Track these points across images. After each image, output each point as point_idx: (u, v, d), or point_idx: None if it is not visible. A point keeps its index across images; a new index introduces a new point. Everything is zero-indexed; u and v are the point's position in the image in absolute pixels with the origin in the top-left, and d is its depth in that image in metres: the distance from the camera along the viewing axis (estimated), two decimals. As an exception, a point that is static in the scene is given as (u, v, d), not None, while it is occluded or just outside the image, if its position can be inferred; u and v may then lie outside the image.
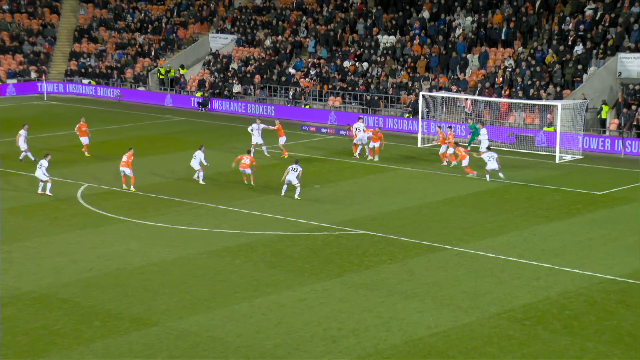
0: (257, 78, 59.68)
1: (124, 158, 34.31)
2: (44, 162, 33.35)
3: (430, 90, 50.89)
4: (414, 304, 22.48)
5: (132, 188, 34.23)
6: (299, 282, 24.04)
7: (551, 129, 45.45)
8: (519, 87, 49.28)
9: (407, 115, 51.22)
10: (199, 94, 60.07)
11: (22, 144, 39.40)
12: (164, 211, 31.46)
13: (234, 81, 60.18)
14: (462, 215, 31.40)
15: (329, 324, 21.07)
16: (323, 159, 41.77)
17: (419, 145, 45.30)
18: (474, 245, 27.61)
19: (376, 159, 40.66)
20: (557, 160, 41.79)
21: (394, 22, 59.41)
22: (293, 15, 64.99)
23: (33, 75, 66.13)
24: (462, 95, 49.30)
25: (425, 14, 58.39)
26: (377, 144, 40.95)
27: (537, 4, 54.70)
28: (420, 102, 46.79)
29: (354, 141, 41.94)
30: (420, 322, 21.22)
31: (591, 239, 28.60)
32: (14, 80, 65.01)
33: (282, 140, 42.15)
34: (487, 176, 36.42)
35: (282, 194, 33.20)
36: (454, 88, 51.13)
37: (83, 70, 66.87)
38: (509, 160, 42.22)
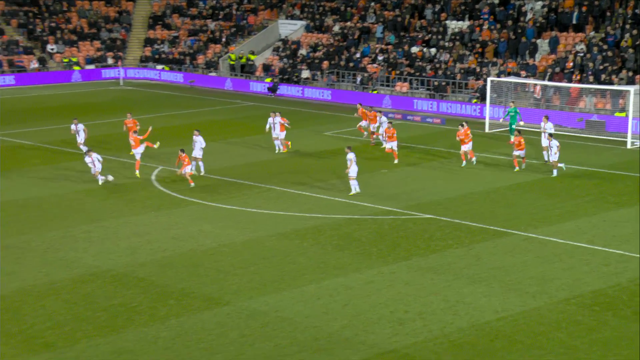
0: (326, 64, 59.74)
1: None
2: (89, 157, 32.63)
3: (498, 75, 50.24)
4: (480, 288, 22.36)
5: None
6: (366, 265, 24.12)
7: (623, 114, 44.47)
8: (590, 72, 48.30)
9: (474, 100, 50.70)
10: (268, 80, 60.45)
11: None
12: (235, 194, 31.86)
13: (303, 67, 60.38)
14: (530, 201, 31.03)
15: (396, 306, 21.12)
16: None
17: (487, 130, 44.81)
18: (542, 230, 27.28)
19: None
20: (628, 146, 40.90)
21: (462, 7, 58.74)
22: (361, 1, 64.79)
23: (110, 61, 67.45)
24: (531, 81, 48.55)
25: (495, -1, 57.59)
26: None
27: (610, -13, 53.45)
28: (488, 87, 46.23)
29: (362, 124, 41.53)
30: (487, 306, 21.10)
31: (663, 225, 27.98)
32: (92, 66, 66.44)
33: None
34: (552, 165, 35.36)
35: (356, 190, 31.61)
36: (523, 73, 50.39)
37: (157, 56, 67.93)
38: (579, 145, 41.55)
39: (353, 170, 31.22)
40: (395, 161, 36.52)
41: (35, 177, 34.41)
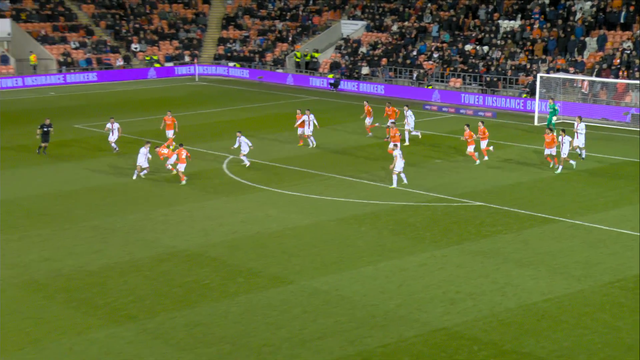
0: (384, 61, 59.44)
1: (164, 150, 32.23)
2: (144, 150, 31.79)
3: (547, 71, 49.31)
4: (528, 271, 22.06)
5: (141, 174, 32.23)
6: (420, 249, 24.00)
7: (667, 108, 43.26)
8: (636, 68, 47.01)
9: (524, 95, 49.86)
10: (330, 76, 60.42)
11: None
12: (299, 182, 31.98)
13: (363, 64, 60.17)
14: (576, 190, 30.45)
15: (448, 287, 20.99)
16: (444, 136, 41.31)
17: (535, 123, 44.06)
18: (587, 218, 26.76)
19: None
20: (672, 139, 39.76)
21: (514, 7, 57.74)
22: (419, 2, 64.21)
23: (187, 59, 68.27)
24: (579, 77, 47.53)
25: (546, 0, 56.46)
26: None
27: (657, -13, 51.93)
28: (537, 82, 45.44)
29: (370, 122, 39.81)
30: (534, 289, 20.82)
31: None
32: (171, 64, 67.35)
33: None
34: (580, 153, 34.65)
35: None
36: (571, 69, 49.34)
37: (229, 54, 68.46)
38: (624, 138, 40.57)
39: (399, 165, 30.21)
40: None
41: (119, 165, 35.07)
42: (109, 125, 37.22)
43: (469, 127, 34.27)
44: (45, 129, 36.47)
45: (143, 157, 31.88)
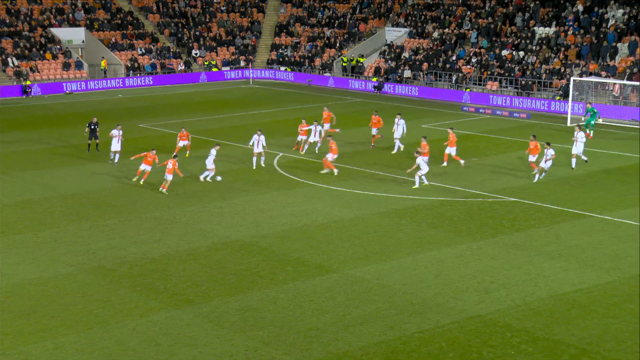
0: (425, 65, 58.93)
1: (149, 158, 30.53)
2: (213, 151, 30.95)
3: (580, 75, 48.34)
4: (559, 263, 21.66)
5: (141, 182, 30.56)
6: (457, 241, 23.74)
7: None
8: (665, 72, 45.79)
9: (557, 97, 48.95)
10: (374, 79, 60.15)
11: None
12: (344, 178, 31.84)
13: (405, 68, 59.76)
14: (605, 187, 29.79)
15: (482, 277, 20.72)
16: (480, 136, 40.80)
17: (568, 124, 43.22)
18: (617, 213, 26.15)
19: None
20: (700, 139, 38.64)
21: (550, 15, 56.72)
22: (459, 10, 63.50)
23: (242, 63, 68.66)
24: (610, 80, 46.48)
25: (580, 7, 55.32)
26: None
27: (687, -6, 50.46)
28: (571, 86, 44.61)
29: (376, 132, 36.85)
30: (565, 280, 20.43)
31: None
32: (228, 68, 67.82)
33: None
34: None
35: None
36: (603, 73, 48.29)
37: (281, 59, 68.65)
38: (653, 138, 39.59)
39: (423, 169, 29.26)
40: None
41: (179, 160, 35.34)
42: (114, 132, 34.10)
43: (535, 138, 31.89)
44: (92, 127, 36.56)
45: (210, 158, 30.92)
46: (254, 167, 33.18)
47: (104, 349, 17.14)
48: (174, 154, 30.84)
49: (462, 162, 32.50)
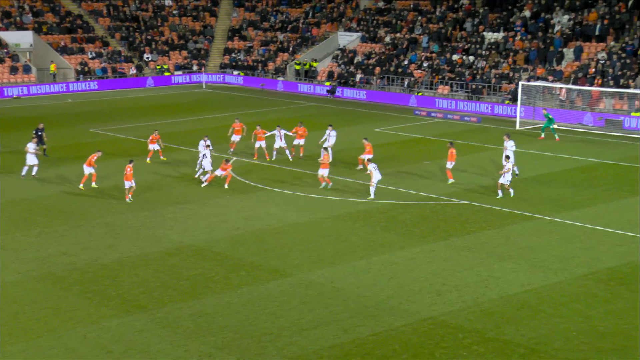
0: (377, 69, 59.37)
1: (90, 157, 30.43)
2: (207, 153, 31.51)
3: (528, 79, 49.29)
4: (509, 264, 22.03)
5: (92, 184, 30.63)
6: (409, 244, 23.96)
7: (638, 114, 43.21)
8: (610, 77, 47.01)
9: (507, 102, 49.82)
10: (327, 83, 60.36)
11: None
12: (297, 182, 31.90)
13: (358, 72, 60.11)
14: (554, 189, 30.41)
15: (435, 279, 20.94)
16: (432, 139, 41.27)
17: (517, 127, 44.03)
18: (564, 215, 26.72)
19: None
20: (643, 142, 39.77)
21: (498, 20, 57.71)
22: (410, 15, 64.15)
23: (194, 67, 68.19)
24: (557, 84, 47.53)
25: (527, 13, 56.43)
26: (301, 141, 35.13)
27: (630, 2, 51.91)
28: (519, 90, 45.43)
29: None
30: (514, 281, 20.79)
31: (673, 212, 27.13)
32: (180, 72, 67.27)
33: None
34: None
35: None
36: (550, 78, 49.33)
37: (234, 64, 68.39)
38: (599, 141, 40.55)
39: (375, 178, 28.98)
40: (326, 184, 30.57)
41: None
42: (30, 146, 32.41)
43: (452, 145, 31.72)
44: (39, 133, 35.89)
45: (208, 161, 31.18)
46: (272, 159, 34.31)
47: (53, 357, 16.81)
48: (130, 159, 30.08)
49: (450, 180, 30.98)
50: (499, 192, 28.98)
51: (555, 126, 40.38)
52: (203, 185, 30.88)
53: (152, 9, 73.37)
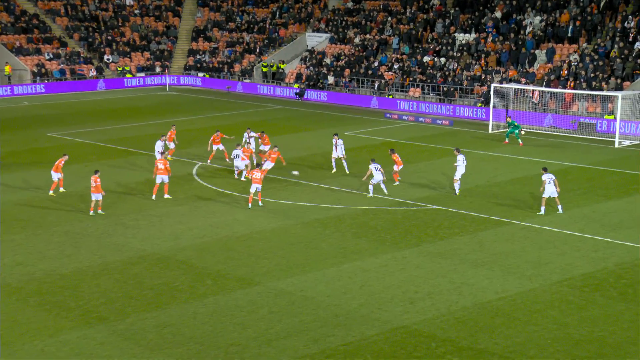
0: (347, 71, 59.55)
1: (57, 162, 30.31)
2: (239, 152, 32.12)
3: (501, 82, 49.81)
4: (483, 271, 22.18)
5: (60, 189, 30.55)
6: (381, 251, 24.01)
7: (611, 117, 43.92)
8: (582, 79, 47.73)
9: (479, 104, 50.30)
10: (296, 85, 60.39)
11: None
12: (266, 187, 31.75)
13: (328, 73, 60.22)
14: (528, 193, 30.72)
15: (407, 287, 21.00)
16: (403, 143, 41.46)
17: (490, 131, 44.45)
18: (538, 220, 27.01)
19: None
20: (616, 145, 40.40)
21: (469, 21, 58.28)
22: (380, 16, 64.49)
23: (157, 69, 67.72)
24: (530, 87, 48.10)
25: (498, 14, 57.06)
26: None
27: (602, 4, 52.77)
28: (492, 92, 45.89)
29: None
30: (488, 288, 20.93)
31: (647, 216, 27.59)
32: (142, 74, 66.75)
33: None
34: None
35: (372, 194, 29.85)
36: (522, 80, 49.92)
37: (199, 65, 68.09)
38: (572, 145, 41.11)
39: (376, 178, 29.50)
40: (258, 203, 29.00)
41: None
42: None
43: (394, 151, 32.12)
44: None
45: (238, 159, 32.15)
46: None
47: (10, 373, 16.51)
48: (95, 169, 29.08)
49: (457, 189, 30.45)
50: (457, 188, 30.07)
51: (523, 132, 40.74)
52: (243, 179, 31.90)
53: (113, 8, 72.77)
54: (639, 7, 50.79)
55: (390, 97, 54.79)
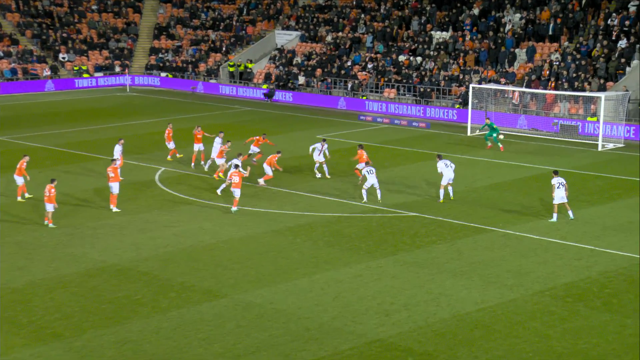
0: (319, 71, 59.67)
1: (18, 165, 30.12)
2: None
3: (479, 82, 50.24)
4: (461, 281, 22.32)
5: (26, 195, 30.34)
6: (355, 260, 24.06)
7: (594, 119, 44.51)
8: (564, 80, 48.31)
9: (457, 106, 50.67)
10: (265, 86, 60.36)
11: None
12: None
13: (299, 73, 60.29)
14: (508, 199, 31.01)
15: (383, 298, 21.06)
16: (378, 147, 41.59)
17: (468, 134, 44.80)
18: (519, 227, 27.25)
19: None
20: (599, 149, 40.94)
21: (446, 19, 58.73)
22: (353, 13, 64.74)
23: (117, 69, 67.27)
24: (510, 87, 48.56)
25: (476, 11, 57.57)
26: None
27: (584, 1, 53.48)
28: (470, 93, 46.24)
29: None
30: (467, 298, 21.06)
31: (631, 222, 27.97)
32: (101, 74, 66.25)
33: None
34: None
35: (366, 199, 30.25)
36: (502, 80, 50.38)
37: (161, 65, 67.77)
38: (553, 148, 41.56)
39: (369, 182, 29.90)
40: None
41: (46, 177, 34.20)
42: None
43: (362, 147, 32.95)
44: None
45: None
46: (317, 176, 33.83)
47: (-43, 394, 16.26)
48: (52, 178, 28.45)
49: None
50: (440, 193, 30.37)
51: (502, 137, 41.08)
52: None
53: (68, 3, 72.16)
54: (621, 4, 51.57)
55: (364, 98, 54.99)
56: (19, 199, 30.35)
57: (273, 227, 27.26)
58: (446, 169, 30.34)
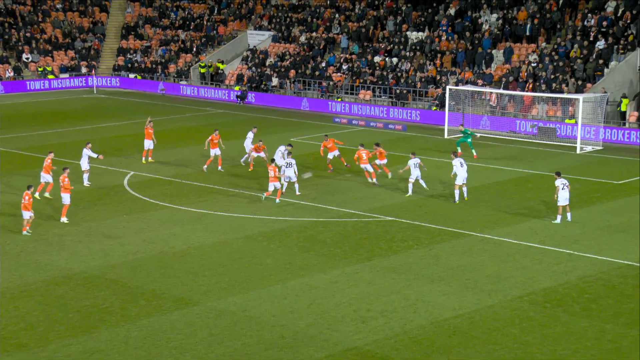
0: (292, 72, 59.72)
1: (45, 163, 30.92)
2: (292, 161, 31.85)
3: (456, 84, 50.57)
4: (439, 287, 22.45)
5: (46, 194, 30.98)
6: (331, 266, 24.11)
7: (573, 121, 44.99)
8: (542, 81, 48.78)
9: (434, 108, 50.96)
10: (237, 88, 60.29)
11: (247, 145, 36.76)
12: (204, 198, 31.68)
13: (272, 74, 60.30)
14: (486, 203, 31.24)
15: (359, 305, 21.13)
16: (354, 149, 41.66)
17: (446, 136, 45.07)
18: (497, 231, 27.48)
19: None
20: (578, 151, 41.38)
21: (422, 19, 59.08)
22: (327, 12, 64.90)
23: (83, 70, 66.82)
24: (487, 89, 48.95)
25: (453, 11, 57.99)
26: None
27: (561, 1, 54.08)
28: (447, 95, 46.53)
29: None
30: (445, 304, 21.19)
31: (610, 226, 28.33)
32: (66, 75, 65.74)
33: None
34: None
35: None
36: (479, 82, 50.76)
37: (129, 65, 67.43)
38: (531, 151, 41.93)
39: (413, 174, 31.57)
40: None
41: (8, 182, 33.92)
42: None
43: (363, 146, 34.32)
44: None
45: (290, 168, 31.87)
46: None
47: None
48: (28, 184, 27.93)
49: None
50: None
51: (478, 136, 41.32)
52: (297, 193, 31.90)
53: (32, 2, 71.51)
54: (599, 5, 52.22)
55: (339, 100, 55.11)
56: (42, 195, 30.85)
57: (246, 233, 27.24)
58: (460, 169, 30.76)
